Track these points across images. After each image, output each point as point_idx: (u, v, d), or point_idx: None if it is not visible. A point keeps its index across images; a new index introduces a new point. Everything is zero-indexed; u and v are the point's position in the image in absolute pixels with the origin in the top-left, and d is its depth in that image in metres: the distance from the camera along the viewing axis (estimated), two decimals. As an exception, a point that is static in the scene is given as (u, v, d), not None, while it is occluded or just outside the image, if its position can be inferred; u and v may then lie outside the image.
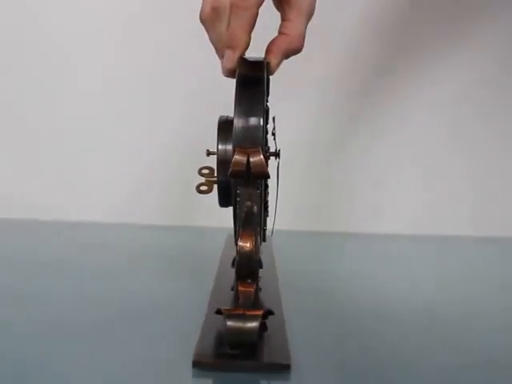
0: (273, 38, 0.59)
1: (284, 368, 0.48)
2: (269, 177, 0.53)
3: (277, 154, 0.58)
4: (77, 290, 0.70)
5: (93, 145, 1.05)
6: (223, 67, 0.59)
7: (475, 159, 1.06)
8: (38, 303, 0.64)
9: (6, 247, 0.90)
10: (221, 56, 0.59)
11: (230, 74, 0.58)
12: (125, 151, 1.05)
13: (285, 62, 0.60)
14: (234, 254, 0.75)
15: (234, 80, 0.57)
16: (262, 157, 0.52)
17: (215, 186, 0.61)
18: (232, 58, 0.57)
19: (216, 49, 0.59)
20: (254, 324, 0.48)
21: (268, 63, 0.58)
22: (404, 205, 1.06)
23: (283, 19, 0.59)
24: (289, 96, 0.97)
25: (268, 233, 0.62)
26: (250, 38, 0.56)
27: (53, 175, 1.05)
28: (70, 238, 0.97)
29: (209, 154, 0.61)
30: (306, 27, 0.59)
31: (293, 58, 0.60)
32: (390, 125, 1.05)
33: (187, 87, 1.02)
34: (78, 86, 1.04)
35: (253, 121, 0.53)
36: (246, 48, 0.57)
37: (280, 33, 0.59)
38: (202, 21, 0.59)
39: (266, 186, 0.58)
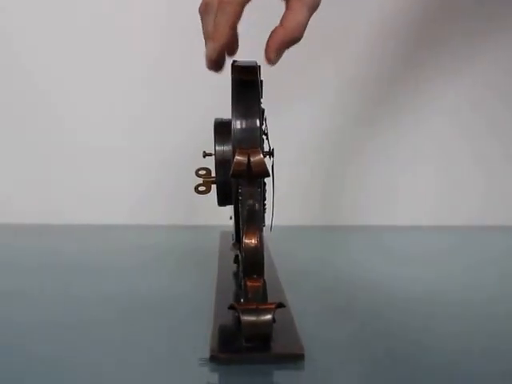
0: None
1: (298, 358, 0.50)
2: (269, 175, 0.55)
3: (270, 153, 0.60)
4: (83, 289, 0.72)
5: (97, 151, 1.06)
6: (205, 57, 0.58)
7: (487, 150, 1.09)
8: (53, 303, 0.67)
9: (19, 252, 0.91)
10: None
11: (211, 65, 0.58)
12: (125, 159, 1.07)
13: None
14: (230, 249, 0.78)
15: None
16: (261, 156, 0.54)
17: (213, 186, 0.63)
18: (212, 48, 0.57)
19: (204, 40, 0.59)
20: (267, 317, 0.50)
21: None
22: (409, 197, 1.09)
23: (285, 8, 0.59)
24: (293, 94, 1.01)
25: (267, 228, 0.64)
26: (232, 32, 0.56)
27: (59, 181, 1.07)
28: (76, 240, 0.98)
29: (205, 155, 0.63)
30: (307, 17, 0.59)
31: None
32: (396, 118, 1.08)
33: (184, 94, 1.04)
34: (83, 93, 1.05)
35: (250, 122, 0.55)
36: (228, 41, 0.56)
37: (280, 23, 0.59)
38: (199, 13, 0.60)
39: (264, 184, 0.60)
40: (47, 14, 1.02)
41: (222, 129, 0.61)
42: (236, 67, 0.59)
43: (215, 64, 0.58)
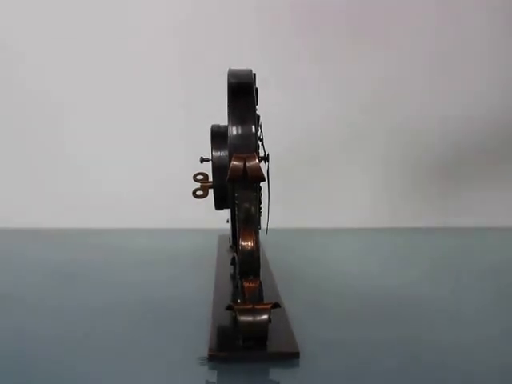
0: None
1: (294, 356, 0.52)
2: (264, 179, 0.57)
3: (266, 158, 0.62)
4: (82, 290, 0.73)
5: (95, 157, 1.09)
6: None
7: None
8: (52, 304, 0.67)
9: (26, 254, 0.93)
10: None
11: None
12: (124, 165, 1.09)
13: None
14: (227, 252, 0.80)
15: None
16: (257, 161, 0.56)
17: (210, 191, 0.65)
18: None
19: None
20: (264, 317, 0.52)
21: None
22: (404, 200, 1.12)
23: None
24: (280, 99, 1.02)
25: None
26: None
27: (60, 186, 1.09)
28: (75, 244, 0.99)
29: (202, 160, 0.65)
30: None
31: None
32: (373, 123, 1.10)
33: (182, 101, 1.06)
34: (81, 99, 1.07)
35: (246, 128, 0.57)
36: None
37: None
38: None
39: (260, 188, 0.61)
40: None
41: (218, 135, 0.62)
42: (232, 75, 0.60)
43: None
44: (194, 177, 0.66)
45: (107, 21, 1.05)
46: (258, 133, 0.60)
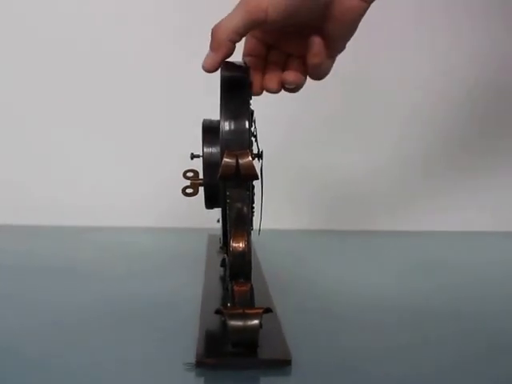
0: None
1: (285, 363, 0.50)
2: (258, 178, 0.55)
3: (259, 156, 0.60)
4: (74, 290, 0.71)
5: (83, 154, 1.07)
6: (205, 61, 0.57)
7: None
8: (37, 306, 0.65)
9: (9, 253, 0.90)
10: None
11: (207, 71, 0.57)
12: (112, 162, 1.07)
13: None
14: (217, 253, 0.78)
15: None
16: (250, 159, 0.54)
17: (201, 189, 0.62)
18: (211, 58, 0.56)
19: None
20: (255, 322, 0.49)
21: None
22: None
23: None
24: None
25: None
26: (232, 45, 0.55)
27: (52, 183, 1.07)
28: (61, 242, 0.97)
29: (193, 157, 0.63)
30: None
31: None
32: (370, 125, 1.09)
33: (171, 93, 1.04)
34: (74, 97, 1.05)
35: (239, 124, 0.55)
36: (228, 53, 0.55)
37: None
38: None
39: (252, 187, 0.59)
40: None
41: (210, 130, 0.60)
42: (226, 66, 0.57)
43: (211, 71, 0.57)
44: (184, 174, 0.63)
45: (105, 20, 1.03)
46: (252, 128, 0.57)
